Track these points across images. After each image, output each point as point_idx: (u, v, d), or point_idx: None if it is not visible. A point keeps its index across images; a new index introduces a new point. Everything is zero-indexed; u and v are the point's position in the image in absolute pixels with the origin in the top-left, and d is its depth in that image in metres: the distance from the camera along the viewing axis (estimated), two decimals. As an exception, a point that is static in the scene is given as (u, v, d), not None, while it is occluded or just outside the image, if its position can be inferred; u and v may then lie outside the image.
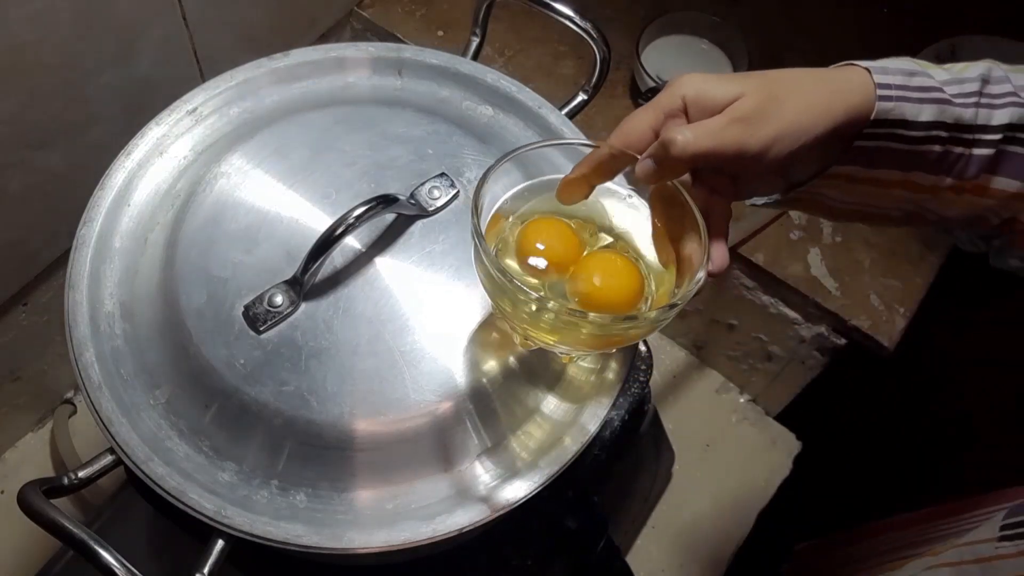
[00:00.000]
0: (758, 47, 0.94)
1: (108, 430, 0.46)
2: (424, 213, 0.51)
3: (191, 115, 0.56)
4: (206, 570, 0.44)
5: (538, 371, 0.50)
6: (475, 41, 0.63)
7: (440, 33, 0.97)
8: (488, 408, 0.48)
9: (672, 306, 0.41)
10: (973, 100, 0.45)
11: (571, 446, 0.48)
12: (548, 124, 0.58)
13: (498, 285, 0.41)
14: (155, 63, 0.72)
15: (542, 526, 0.64)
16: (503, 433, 0.49)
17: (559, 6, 0.59)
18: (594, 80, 0.61)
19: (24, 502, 0.43)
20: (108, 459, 0.47)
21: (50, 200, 0.72)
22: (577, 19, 0.59)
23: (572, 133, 0.57)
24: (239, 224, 0.50)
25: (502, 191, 0.46)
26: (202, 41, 0.76)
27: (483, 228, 0.42)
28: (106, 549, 0.42)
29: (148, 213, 0.53)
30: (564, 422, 0.49)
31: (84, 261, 0.51)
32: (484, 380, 0.48)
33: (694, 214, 0.43)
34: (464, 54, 0.62)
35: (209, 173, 0.52)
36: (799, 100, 0.44)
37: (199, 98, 0.56)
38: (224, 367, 0.46)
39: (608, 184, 0.47)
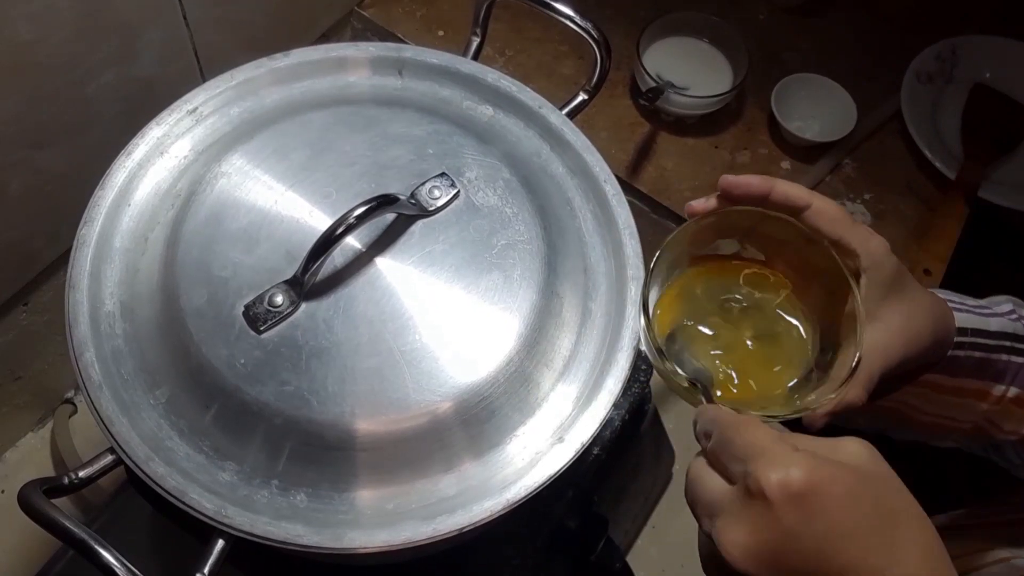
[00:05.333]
0: (758, 47, 0.94)
1: (108, 430, 0.46)
2: (424, 213, 0.51)
3: (191, 115, 0.56)
4: (206, 570, 0.44)
5: (539, 371, 0.50)
6: (475, 41, 0.63)
7: (440, 33, 0.97)
8: (488, 408, 0.48)
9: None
10: (1015, 317, 0.51)
11: (571, 446, 0.48)
12: (549, 124, 0.58)
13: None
14: (155, 63, 0.72)
15: (542, 526, 0.64)
16: (503, 433, 0.49)
17: (559, 6, 0.59)
18: (594, 80, 0.61)
19: (24, 502, 0.43)
20: (108, 459, 0.47)
21: (50, 200, 0.72)
22: (577, 19, 0.59)
23: (572, 133, 0.57)
24: (239, 224, 0.50)
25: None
26: (202, 41, 0.76)
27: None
28: (106, 549, 0.42)
29: (148, 213, 0.53)
30: (564, 422, 0.49)
31: (84, 261, 0.50)
32: (484, 380, 0.48)
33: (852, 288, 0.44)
34: (464, 54, 0.62)
35: (209, 173, 0.52)
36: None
37: (199, 98, 0.56)
38: (224, 367, 0.46)
39: None
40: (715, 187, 0.89)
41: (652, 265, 0.46)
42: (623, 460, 0.76)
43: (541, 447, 0.48)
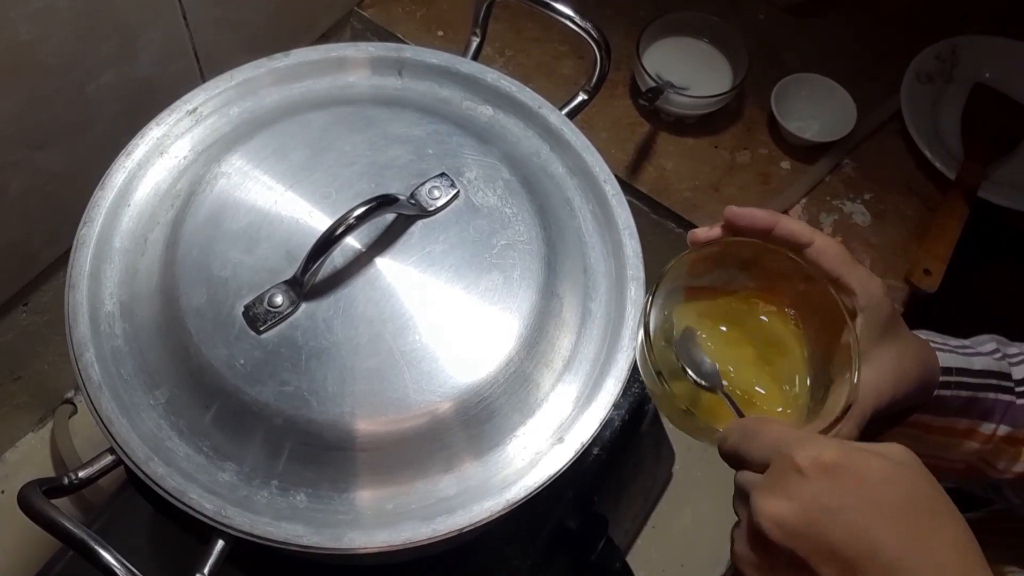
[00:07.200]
0: (758, 48, 0.94)
1: (108, 430, 0.46)
2: (424, 213, 0.51)
3: (191, 115, 0.56)
4: (206, 570, 0.44)
5: (539, 372, 0.50)
6: (475, 41, 0.63)
7: (440, 33, 0.97)
8: (488, 408, 0.48)
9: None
10: (999, 356, 0.51)
11: (571, 446, 0.48)
12: (548, 124, 0.58)
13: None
14: (155, 63, 0.72)
15: (542, 526, 0.64)
16: (503, 433, 0.49)
17: (559, 6, 0.59)
18: (594, 80, 0.61)
19: (24, 502, 0.43)
20: (108, 459, 0.47)
21: (50, 200, 0.72)
22: (577, 19, 0.59)
23: (572, 133, 0.57)
24: (239, 224, 0.50)
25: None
26: (202, 41, 0.76)
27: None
28: (106, 549, 0.42)
29: (148, 213, 0.53)
30: (564, 422, 0.49)
31: (84, 261, 0.50)
32: (484, 380, 0.48)
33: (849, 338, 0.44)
34: (464, 54, 0.62)
35: (209, 173, 0.52)
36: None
37: (199, 98, 0.56)
38: (224, 367, 0.46)
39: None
40: (715, 187, 0.89)
41: (652, 290, 0.47)
42: (623, 460, 0.76)
43: (541, 447, 0.48)
